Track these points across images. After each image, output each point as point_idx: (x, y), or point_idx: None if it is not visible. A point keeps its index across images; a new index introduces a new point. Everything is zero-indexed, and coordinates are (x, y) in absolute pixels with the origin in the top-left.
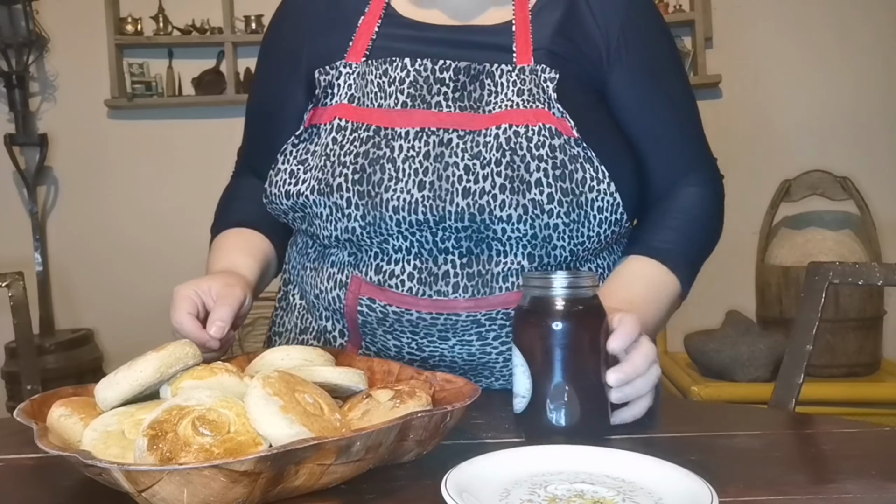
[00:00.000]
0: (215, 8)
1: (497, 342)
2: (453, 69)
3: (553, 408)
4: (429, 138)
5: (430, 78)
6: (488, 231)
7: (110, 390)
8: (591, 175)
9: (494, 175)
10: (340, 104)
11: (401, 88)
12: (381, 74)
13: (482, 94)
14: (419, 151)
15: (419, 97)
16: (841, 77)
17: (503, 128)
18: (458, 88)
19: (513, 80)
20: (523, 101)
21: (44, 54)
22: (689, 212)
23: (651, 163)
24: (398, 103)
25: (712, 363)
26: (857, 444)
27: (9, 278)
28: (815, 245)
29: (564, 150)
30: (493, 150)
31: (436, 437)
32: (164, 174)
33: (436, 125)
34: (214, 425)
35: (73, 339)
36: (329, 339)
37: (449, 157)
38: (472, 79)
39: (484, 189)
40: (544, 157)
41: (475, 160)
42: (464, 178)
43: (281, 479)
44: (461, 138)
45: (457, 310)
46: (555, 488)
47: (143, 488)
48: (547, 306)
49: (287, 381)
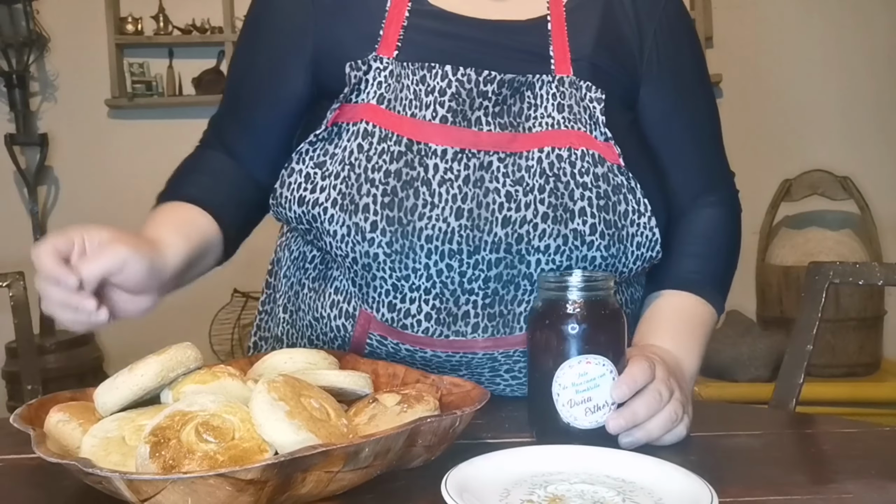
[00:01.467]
0: (216, 8)
1: (508, 376)
2: (497, 82)
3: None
4: (469, 161)
5: (473, 91)
6: (521, 264)
7: (110, 395)
8: (634, 207)
9: (537, 203)
10: (369, 104)
11: (441, 100)
12: (419, 81)
13: (522, 107)
14: (458, 175)
15: (461, 112)
16: (841, 75)
17: (546, 151)
18: (500, 102)
19: (552, 93)
20: (565, 120)
21: (44, 54)
22: (711, 237)
23: (671, 180)
24: (436, 116)
25: (712, 363)
26: (857, 444)
27: (9, 278)
28: (816, 245)
29: (608, 180)
30: (537, 176)
31: (444, 442)
32: (164, 174)
33: (476, 146)
34: (218, 431)
35: (74, 338)
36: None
37: (490, 181)
38: (514, 91)
39: (525, 217)
40: (589, 184)
41: (518, 186)
42: (505, 205)
43: (288, 487)
44: (502, 161)
45: (474, 349)
46: (555, 488)
47: (145, 497)
48: (562, 308)
49: (292, 385)
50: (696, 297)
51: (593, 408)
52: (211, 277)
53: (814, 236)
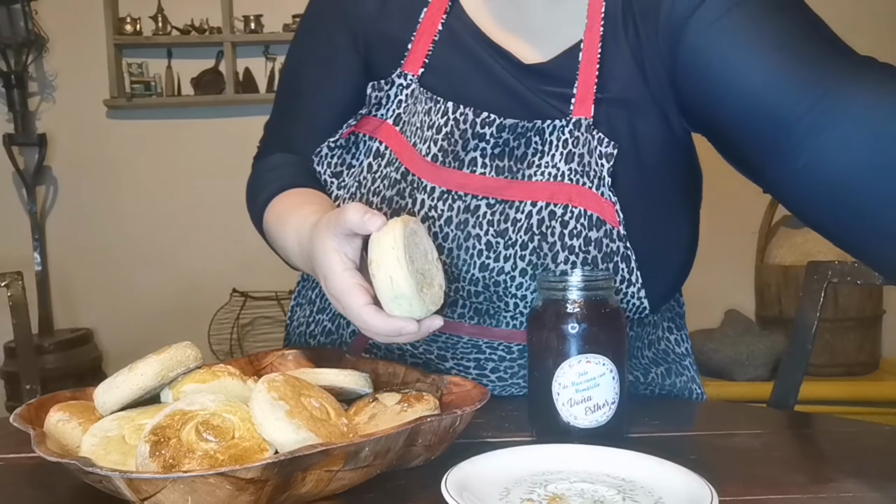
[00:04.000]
0: (214, 8)
1: (494, 376)
2: (497, 125)
3: (569, 408)
4: (454, 203)
5: (467, 132)
6: (500, 301)
7: (110, 394)
8: (624, 277)
9: (517, 258)
10: (386, 123)
11: (435, 138)
12: (426, 112)
13: (526, 152)
14: (441, 215)
15: (451, 153)
16: None
17: (539, 206)
18: (500, 145)
19: (563, 140)
20: (571, 172)
21: (43, 54)
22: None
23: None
24: (429, 154)
25: (712, 363)
26: (857, 444)
27: (8, 278)
28: (815, 244)
29: (600, 246)
30: (521, 232)
31: (444, 441)
32: (163, 174)
33: (463, 189)
34: (219, 431)
35: (73, 338)
36: (342, 323)
37: (473, 226)
38: (518, 136)
39: (503, 269)
40: (576, 249)
41: (500, 238)
42: (484, 252)
43: (288, 487)
44: (490, 207)
45: (459, 332)
46: (555, 487)
47: (145, 496)
48: (562, 307)
49: (293, 384)
50: None
51: (593, 407)
52: (210, 277)
53: (813, 236)
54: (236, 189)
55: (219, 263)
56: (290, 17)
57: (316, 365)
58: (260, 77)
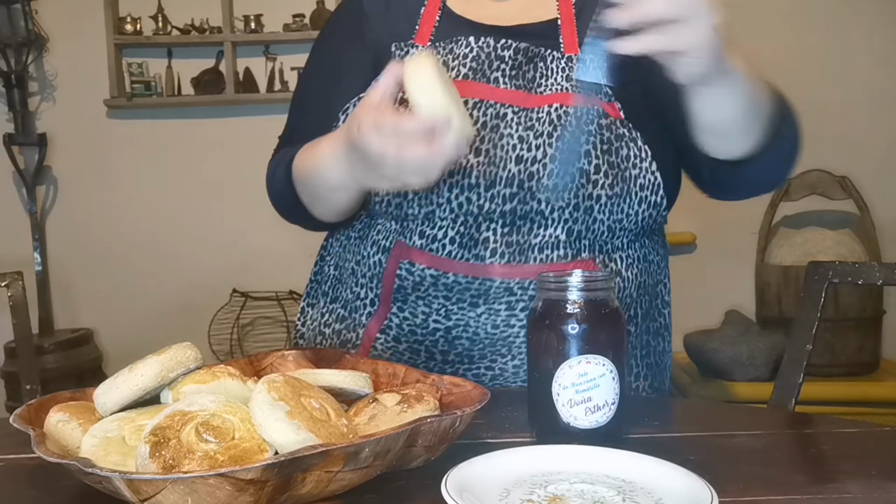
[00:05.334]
0: (214, 7)
1: (524, 314)
2: (513, 48)
3: (569, 406)
4: (486, 110)
5: (491, 54)
6: (532, 200)
7: (110, 395)
8: (636, 153)
9: (546, 146)
10: None
11: (464, 62)
12: (448, 52)
13: (535, 75)
14: (476, 120)
15: (480, 71)
16: (840, 76)
17: (554, 106)
18: (515, 67)
19: (561, 67)
20: (573, 87)
21: (43, 54)
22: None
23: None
24: (459, 75)
25: (712, 363)
26: (857, 444)
27: (8, 278)
28: (815, 244)
29: (611, 130)
30: (546, 124)
31: (444, 442)
32: (163, 174)
33: (493, 98)
34: (219, 431)
35: (73, 338)
36: (358, 306)
37: (504, 128)
38: (528, 60)
39: (536, 157)
40: (594, 132)
41: (529, 132)
42: (518, 146)
43: (288, 487)
44: (515, 113)
45: (491, 275)
46: (555, 488)
47: (145, 497)
48: (562, 308)
49: (293, 385)
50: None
51: (593, 408)
52: (210, 277)
53: (813, 236)
54: (237, 189)
55: (219, 263)
56: (290, 17)
57: (316, 365)
58: (260, 77)
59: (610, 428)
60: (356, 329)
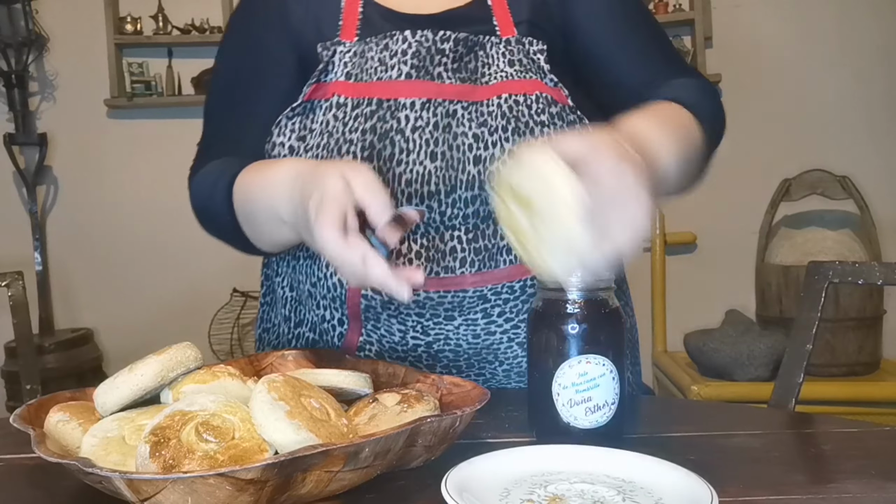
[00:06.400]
0: (215, 7)
1: (501, 319)
2: (453, 40)
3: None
4: (436, 109)
5: (431, 48)
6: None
7: (110, 395)
8: None
9: (503, 141)
10: (337, 81)
11: (403, 60)
12: (382, 49)
13: (476, 65)
14: (428, 122)
15: (423, 68)
16: (841, 75)
17: (504, 97)
18: (457, 59)
19: (502, 52)
20: (517, 72)
21: (43, 54)
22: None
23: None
24: (401, 74)
25: (712, 362)
26: (857, 444)
27: (8, 278)
28: (815, 244)
29: (563, 117)
30: (499, 118)
31: (444, 442)
32: (163, 173)
33: (440, 96)
34: (219, 431)
35: (73, 338)
36: (327, 328)
37: (457, 126)
38: (469, 50)
39: (494, 155)
40: (546, 122)
41: (483, 128)
42: (474, 146)
43: (288, 487)
44: (465, 109)
45: (463, 286)
46: (555, 488)
47: (145, 497)
48: (562, 308)
49: (293, 385)
50: (677, 105)
51: (593, 407)
52: (210, 277)
53: (813, 236)
54: None
55: (219, 263)
56: None
57: (316, 365)
58: None
59: (610, 428)
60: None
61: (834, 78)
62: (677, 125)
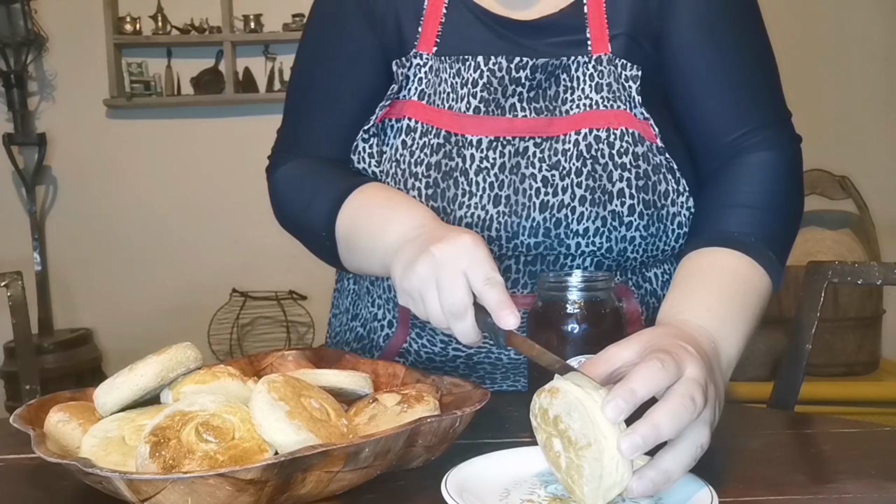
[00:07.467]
0: (214, 7)
1: None
2: (530, 67)
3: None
4: (504, 148)
5: (504, 79)
6: (560, 247)
7: (110, 395)
8: (673, 187)
9: (574, 186)
10: (411, 101)
11: (473, 91)
12: (455, 74)
13: (557, 90)
14: (494, 163)
15: (493, 101)
16: (840, 75)
17: (583, 133)
18: (534, 88)
19: (590, 74)
20: (603, 100)
21: (42, 54)
22: (760, 183)
23: (701, 125)
24: (470, 108)
25: None
26: (856, 444)
27: (7, 278)
28: (814, 244)
29: (647, 159)
30: (574, 159)
31: (444, 442)
32: (162, 173)
33: (510, 133)
34: (219, 431)
35: (72, 338)
36: (376, 327)
37: (525, 167)
38: (549, 75)
39: (563, 202)
40: (628, 165)
41: (554, 170)
42: (542, 190)
43: (288, 487)
44: (538, 146)
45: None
46: (555, 488)
47: (145, 497)
48: (562, 308)
49: (293, 385)
50: (745, 258)
51: None
52: (210, 277)
53: (812, 236)
54: (236, 189)
55: (219, 263)
56: (290, 16)
57: (316, 365)
58: (260, 77)
59: None
60: (372, 351)
61: (833, 77)
62: (743, 305)
